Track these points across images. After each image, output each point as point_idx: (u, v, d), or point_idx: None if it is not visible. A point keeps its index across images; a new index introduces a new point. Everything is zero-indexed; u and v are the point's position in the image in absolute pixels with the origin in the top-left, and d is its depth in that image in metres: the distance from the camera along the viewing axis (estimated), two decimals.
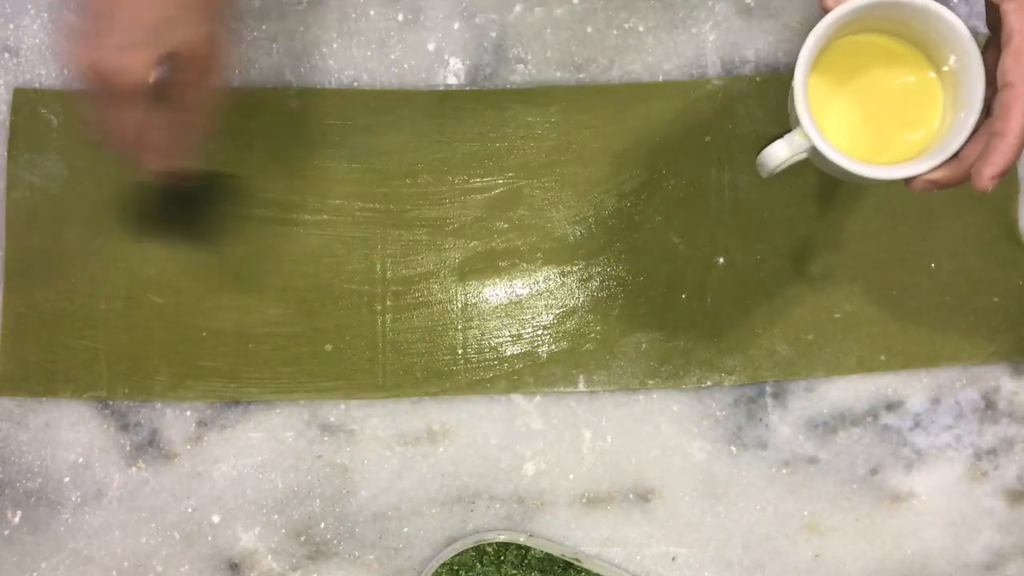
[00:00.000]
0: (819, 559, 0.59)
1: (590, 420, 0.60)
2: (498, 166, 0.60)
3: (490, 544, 0.58)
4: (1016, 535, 0.59)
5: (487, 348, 0.60)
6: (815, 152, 0.48)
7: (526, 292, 0.60)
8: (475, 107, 0.61)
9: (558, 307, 0.60)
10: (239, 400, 0.59)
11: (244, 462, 0.59)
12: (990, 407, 0.60)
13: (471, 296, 0.60)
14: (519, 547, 0.58)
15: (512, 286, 0.60)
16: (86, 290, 0.59)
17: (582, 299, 0.60)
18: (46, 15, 0.61)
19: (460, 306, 0.60)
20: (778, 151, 0.49)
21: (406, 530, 0.59)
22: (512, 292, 0.60)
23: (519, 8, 0.61)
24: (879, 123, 0.51)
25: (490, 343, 0.60)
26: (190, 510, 0.59)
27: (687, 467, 0.59)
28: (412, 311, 0.60)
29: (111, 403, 0.59)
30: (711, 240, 0.60)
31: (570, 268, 0.60)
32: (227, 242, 0.60)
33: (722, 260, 0.60)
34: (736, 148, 0.60)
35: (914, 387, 0.60)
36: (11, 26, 0.61)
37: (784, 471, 0.59)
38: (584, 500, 0.59)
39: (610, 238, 0.60)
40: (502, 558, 0.58)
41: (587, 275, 0.60)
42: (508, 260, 0.60)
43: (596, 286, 0.60)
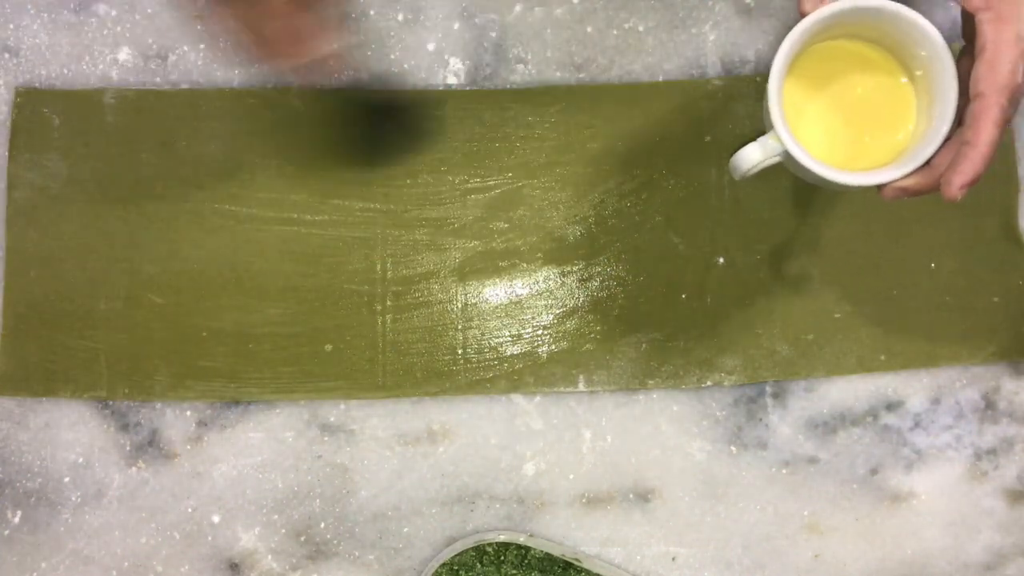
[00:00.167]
0: (819, 559, 0.59)
1: (590, 420, 0.60)
2: (498, 166, 0.60)
3: (490, 544, 0.58)
4: (1016, 535, 0.59)
5: (487, 348, 0.60)
6: (788, 156, 0.48)
7: (526, 292, 0.60)
8: (475, 107, 0.61)
9: (558, 307, 0.60)
10: (239, 400, 0.59)
11: (244, 462, 0.59)
12: (990, 407, 0.60)
13: (471, 296, 0.60)
14: (519, 547, 0.58)
15: (512, 286, 0.60)
16: (86, 290, 0.59)
17: (582, 299, 0.60)
18: (46, 15, 0.61)
19: (460, 306, 0.60)
20: (751, 154, 0.49)
21: (406, 530, 0.59)
22: (512, 292, 0.60)
23: (519, 8, 0.61)
24: (854, 129, 0.51)
25: (490, 343, 0.60)
26: (190, 510, 0.59)
27: (687, 467, 0.59)
28: (412, 311, 0.60)
29: (111, 403, 0.59)
30: (711, 240, 0.60)
31: (570, 268, 0.60)
32: (227, 242, 0.60)
33: (722, 260, 0.60)
34: (736, 148, 0.60)
35: (914, 387, 0.60)
36: (11, 26, 0.61)
37: (784, 471, 0.59)
38: (584, 500, 0.59)
39: (610, 238, 0.60)
40: (502, 558, 0.58)
41: (587, 275, 0.60)
42: (508, 260, 0.60)
43: (596, 286, 0.60)
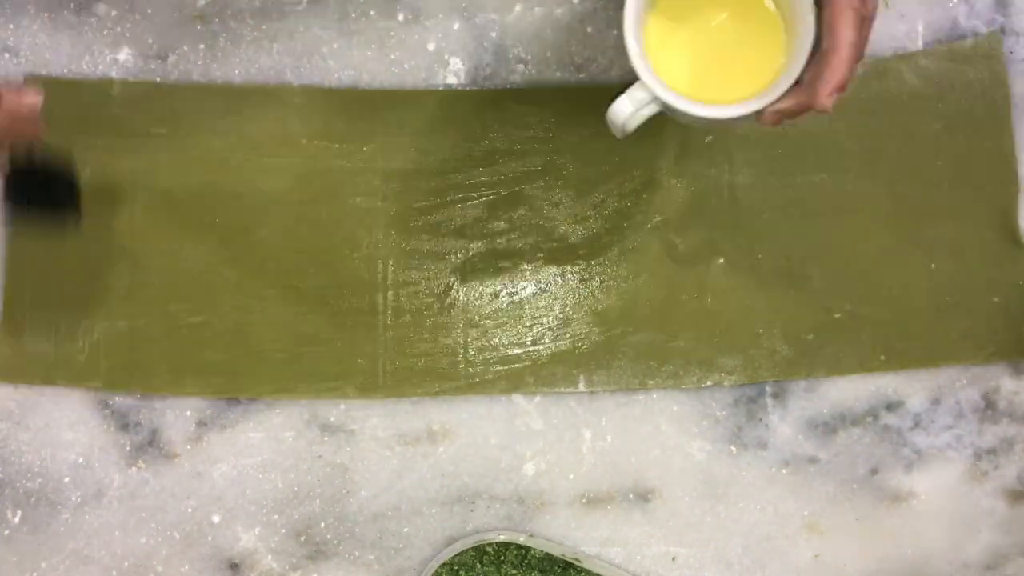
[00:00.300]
0: (819, 559, 0.59)
1: (590, 420, 0.60)
2: (498, 166, 0.60)
3: (490, 544, 0.58)
4: (1016, 535, 0.59)
5: (487, 348, 0.60)
6: (662, 103, 0.48)
7: (526, 292, 0.60)
8: (475, 107, 0.61)
9: (558, 307, 0.60)
10: (238, 396, 0.59)
11: (244, 462, 0.59)
12: (990, 407, 0.60)
13: (472, 296, 0.60)
14: (519, 547, 0.58)
15: (512, 286, 0.60)
16: (87, 280, 0.59)
17: (582, 299, 0.60)
18: (46, 15, 0.61)
19: (460, 306, 0.60)
20: (621, 107, 0.48)
21: (406, 530, 0.59)
22: (512, 292, 0.60)
23: (519, 8, 0.61)
24: (726, 65, 0.50)
25: (490, 343, 0.60)
26: (190, 510, 0.59)
27: (687, 467, 0.59)
28: (413, 311, 0.60)
29: (111, 403, 0.59)
30: (711, 240, 0.60)
31: (570, 268, 0.60)
32: (229, 238, 0.60)
33: (722, 260, 0.60)
34: (736, 148, 0.60)
35: (914, 387, 0.60)
36: (11, 26, 0.61)
37: (784, 471, 0.59)
38: (584, 500, 0.59)
39: (610, 238, 0.60)
40: (502, 558, 0.58)
41: (587, 275, 0.60)
42: (508, 260, 0.60)
43: (596, 286, 0.60)
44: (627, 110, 0.48)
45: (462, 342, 0.60)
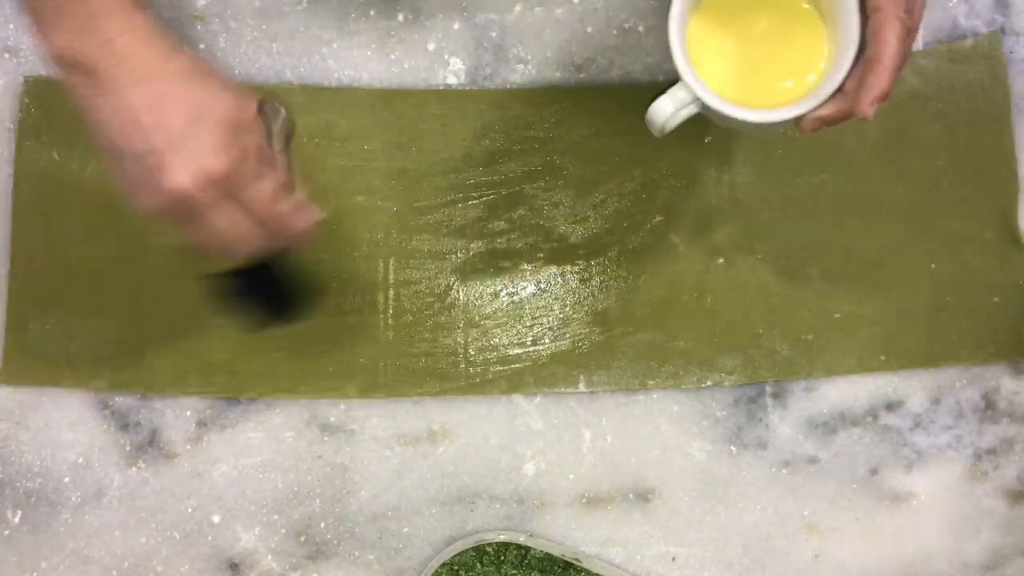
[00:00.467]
0: (819, 559, 0.59)
1: (590, 420, 0.60)
2: (498, 166, 0.60)
3: (490, 544, 0.58)
4: (1016, 535, 0.59)
5: (487, 348, 0.60)
6: (703, 105, 0.48)
7: (526, 292, 0.60)
8: (475, 107, 0.61)
9: (558, 307, 0.60)
10: (239, 396, 0.59)
11: (244, 462, 0.59)
12: (990, 407, 0.60)
13: (472, 296, 0.60)
14: (519, 547, 0.58)
15: (512, 286, 0.60)
16: (90, 281, 0.59)
17: (582, 299, 0.60)
18: None
19: (461, 306, 0.60)
20: (663, 107, 0.48)
21: (406, 530, 0.59)
22: (513, 292, 0.60)
23: (519, 8, 0.61)
24: (767, 68, 0.50)
25: (491, 343, 0.60)
26: (190, 510, 0.59)
27: (687, 467, 0.59)
28: (413, 311, 0.60)
29: (111, 403, 0.59)
30: (711, 240, 0.60)
31: (570, 268, 0.60)
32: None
33: (722, 260, 0.60)
34: (736, 148, 0.60)
35: (914, 387, 0.60)
36: (11, 26, 0.61)
37: (784, 471, 0.59)
38: (584, 500, 0.59)
39: (610, 238, 0.60)
40: (502, 558, 0.58)
41: (587, 275, 0.60)
42: (508, 260, 0.60)
43: (596, 286, 0.60)
44: (668, 110, 0.48)
45: (462, 342, 0.60)
